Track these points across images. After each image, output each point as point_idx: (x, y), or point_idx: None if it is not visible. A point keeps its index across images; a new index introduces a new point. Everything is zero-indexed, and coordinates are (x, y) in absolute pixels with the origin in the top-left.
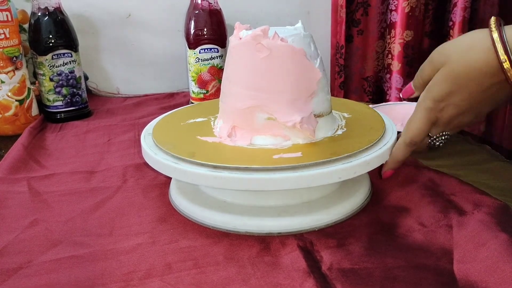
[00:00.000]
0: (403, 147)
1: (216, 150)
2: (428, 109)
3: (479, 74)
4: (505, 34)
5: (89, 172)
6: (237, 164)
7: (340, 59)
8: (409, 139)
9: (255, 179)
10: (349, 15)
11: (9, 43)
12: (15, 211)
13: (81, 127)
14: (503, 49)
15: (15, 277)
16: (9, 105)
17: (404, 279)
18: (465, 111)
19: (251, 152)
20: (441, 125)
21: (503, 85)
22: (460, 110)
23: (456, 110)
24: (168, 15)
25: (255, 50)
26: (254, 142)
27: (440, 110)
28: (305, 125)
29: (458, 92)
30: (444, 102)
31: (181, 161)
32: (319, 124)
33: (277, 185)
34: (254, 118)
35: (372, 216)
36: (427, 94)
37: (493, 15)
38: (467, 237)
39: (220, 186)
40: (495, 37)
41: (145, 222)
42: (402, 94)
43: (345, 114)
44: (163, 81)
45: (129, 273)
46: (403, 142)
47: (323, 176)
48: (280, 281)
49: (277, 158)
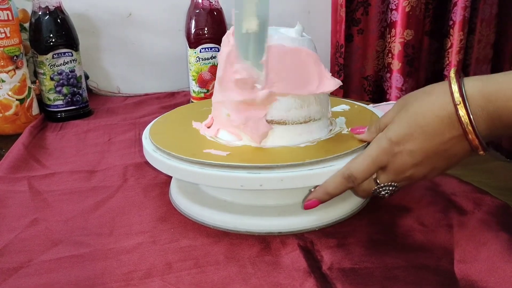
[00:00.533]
0: (339, 179)
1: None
2: (382, 148)
3: (436, 118)
4: (463, 82)
5: (90, 172)
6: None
7: (340, 58)
8: (349, 172)
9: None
10: (349, 14)
11: (10, 42)
12: (15, 210)
13: (81, 126)
14: (459, 93)
15: (15, 276)
16: (9, 104)
17: (404, 279)
18: (419, 163)
19: (198, 143)
20: (391, 173)
21: (460, 139)
22: (414, 160)
23: (410, 159)
24: (169, 14)
25: (224, 45)
26: (219, 134)
27: (393, 155)
28: (248, 128)
29: (414, 137)
30: (399, 146)
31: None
32: (299, 129)
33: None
34: (221, 113)
35: (373, 216)
36: (384, 134)
37: (493, 15)
38: (467, 237)
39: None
40: (453, 85)
41: (145, 222)
42: (350, 130)
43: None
44: (164, 80)
45: (130, 272)
46: (341, 173)
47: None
48: (280, 281)
49: (205, 152)
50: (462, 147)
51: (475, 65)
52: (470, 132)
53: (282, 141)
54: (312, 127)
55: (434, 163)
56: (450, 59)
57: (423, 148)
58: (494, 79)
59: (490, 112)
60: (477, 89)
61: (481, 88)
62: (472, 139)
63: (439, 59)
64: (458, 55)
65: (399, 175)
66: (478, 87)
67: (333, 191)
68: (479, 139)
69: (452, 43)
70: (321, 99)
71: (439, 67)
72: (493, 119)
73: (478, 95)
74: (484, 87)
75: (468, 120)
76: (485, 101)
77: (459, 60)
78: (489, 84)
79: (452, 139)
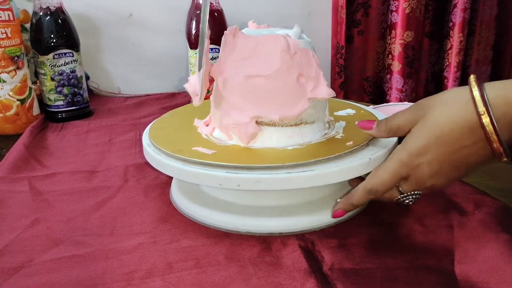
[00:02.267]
0: (361, 193)
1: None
2: (401, 162)
3: (456, 128)
4: (485, 89)
5: (90, 172)
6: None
7: (341, 59)
8: (371, 186)
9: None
10: (349, 15)
11: (11, 42)
12: (16, 211)
13: (82, 126)
14: (482, 102)
15: (16, 276)
16: (10, 104)
17: (405, 279)
18: (439, 172)
19: (191, 140)
20: (413, 183)
21: (480, 145)
22: (433, 170)
23: (430, 169)
24: (170, 15)
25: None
26: (214, 133)
27: (414, 167)
28: (237, 128)
29: (434, 147)
30: (419, 158)
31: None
32: (289, 132)
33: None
34: (216, 111)
35: (373, 216)
36: (403, 146)
37: (492, 16)
38: (468, 238)
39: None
40: (474, 91)
41: (146, 222)
42: (358, 123)
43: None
44: (164, 81)
45: (130, 272)
46: (363, 187)
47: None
48: (281, 281)
49: (193, 150)
50: (483, 154)
51: (475, 66)
52: (494, 140)
53: (271, 143)
54: (304, 130)
55: (454, 171)
56: (450, 61)
57: (443, 158)
58: None
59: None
60: (499, 95)
61: (504, 94)
62: (497, 147)
63: (439, 61)
64: (458, 56)
65: (421, 185)
66: (501, 93)
67: (357, 202)
68: (503, 147)
69: (452, 45)
70: (316, 102)
71: (439, 68)
72: None
73: (501, 102)
74: (507, 93)
75: (493, 128)
76: (508, 106)
77: (459, 62)
78: (511, 89)
79: (472, 146)
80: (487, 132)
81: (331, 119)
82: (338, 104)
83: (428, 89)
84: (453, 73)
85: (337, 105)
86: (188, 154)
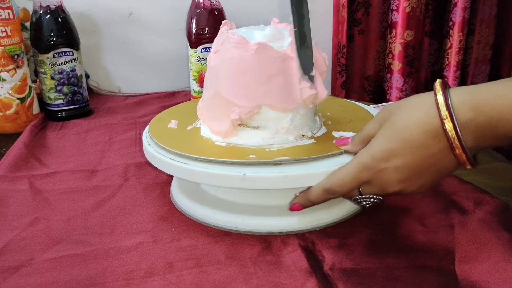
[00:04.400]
0: (319, 191)
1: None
2: (363, 165)
3: (421, 132)
4: (449, 94)
5: (90, 171)
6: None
7: (342, 58)
8: (329, 186)
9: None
10: (350, 14)
11: (11, 41)
12: (16, 209)
13: (82, 125)
14: (445, 107)
15: (16, 275)
16: (10, 103)
17: (405, 279)
18: (406, 178)
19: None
20: (375, 187)
21: (446, 152)
22: (400, 176)
23: (397, 175)
24: (170, 14)
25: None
26: (202, 129)
27: (377, 172)
28: (214, 122)
29: (399, 153)
30: (383, 162)
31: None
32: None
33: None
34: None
35: (373, 216)
36: (366, 149)
37: (492, 16)
38: (468, 237)
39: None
40: (438, 96)
41: (146, 221)
42: (335, 142)
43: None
44: (164, 80)
45: (131, 271)
46: (322, 186)
47: None
48: (281, 281)
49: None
50: (450, 161)
51: (475, 65)
52: (457, 147)
53: (248, 141)
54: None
55: (422, 178)
56: (449, 60)
57: (409, 164)
58: (483, 89)
59: (480, 124)
60: (464, 100)
61: (470, 99)
62: (459, 153)
63: (439, 60)
64: (458, 55)
65: (385, 190)
66: (466, 98)
67: (314, 200)
68: (466, 154)
69: (451, 44)
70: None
71: (439, 67)
72: (483, 130)
73: (466, 107)
74: (473, 98)
75: (455, 134)
76: (475, 112)
77: (458, 61)
78: (478, 95)
79: (439, 153)
80: (449, 137)
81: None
82: (339, 105)
83: (428, 88)
84: (453, 72)
85: (337, 106)
86: (188, 151)
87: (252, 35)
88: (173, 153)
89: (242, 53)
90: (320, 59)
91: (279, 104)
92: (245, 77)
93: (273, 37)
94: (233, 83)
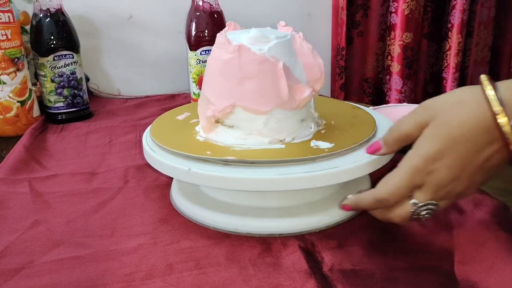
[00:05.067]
0: (370, 201)
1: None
2: (415, 167)
3: (473, 129)
4: (498, 88)
5: (91, 173)
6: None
7: (341, 60)
8: (381, 196)
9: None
10: (349, 16)
11: (11, 44)
12: (16, 212)
13: (82, 128)
14: (498, 102)
15: (16, 278)
16: (10, 106)
17: (404, 280)
18: (458, 177)
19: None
20: (428, 192)
21: (497, 147)
22: (452, 174)
23: (448, 173)
24: (169, 16)
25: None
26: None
27: (428, 173)
28: (203, 126)
29: (450, 151)
30: (434, 163)
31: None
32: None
33: None
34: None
35: (373, 217)
36: (415, 151)
37: (490, 17)
38: (467, 238)
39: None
40: (488, 90)
41: (146, 223)
42: (366, 150)
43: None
44: (164, 83)
45: (131, 273)
46: (373, 195)
47: None
48: (281, 282)
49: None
50: (501, 157)
51: (473, 67)
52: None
53: (223, 138)
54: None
55: (473, 177)
56: (448, 62)
57: (462, 162)
58: None
59: None
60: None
61: None
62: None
63: (438, 62)
64: (457, 57)
65: (437, 193)
66: None
67: (365, 208)
68: None
69: (450, 46)
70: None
71: (438, 69)
72: None
73: None
74: None
75: (510, 129)
76: None
77: (457, 63)
78: None
79: (491, 150)
80: (504, 132)
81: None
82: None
83: (427, 90)
84: (452, 74)
85: (338, 108)
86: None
87: (240, 37)
88: (158, 146)
89: (223, 53)
90: (315, 65)
91: (251, 106)
92: (221, 77)
93: (256, 40)
94: (211, 82)
